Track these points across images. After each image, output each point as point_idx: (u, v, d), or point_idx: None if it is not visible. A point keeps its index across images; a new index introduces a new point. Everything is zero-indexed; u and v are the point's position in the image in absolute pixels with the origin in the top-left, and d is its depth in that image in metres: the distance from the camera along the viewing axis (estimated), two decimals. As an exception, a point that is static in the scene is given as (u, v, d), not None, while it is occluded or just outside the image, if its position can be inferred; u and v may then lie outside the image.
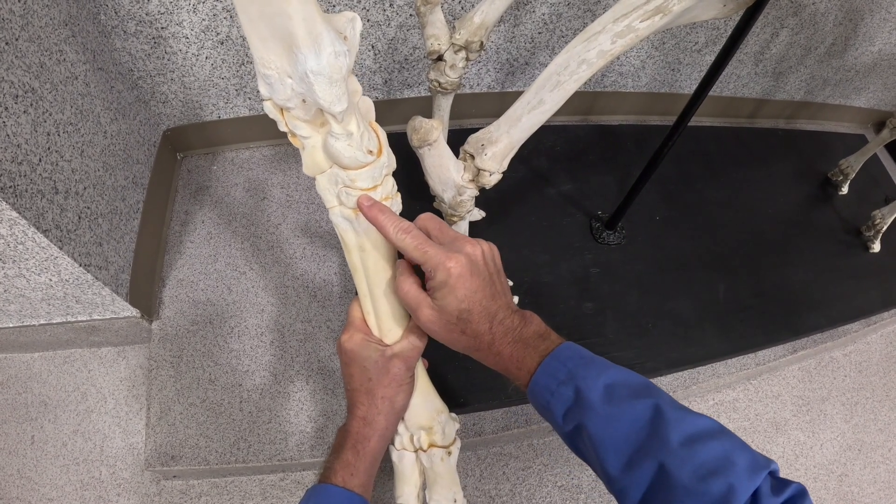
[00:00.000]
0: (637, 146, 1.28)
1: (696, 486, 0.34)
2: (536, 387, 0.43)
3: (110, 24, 0.86)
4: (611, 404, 0.39)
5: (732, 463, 0.34)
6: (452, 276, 0.40)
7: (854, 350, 1.33)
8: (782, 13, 1.19)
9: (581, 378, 0.41)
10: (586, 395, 0.40)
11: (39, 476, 0.91)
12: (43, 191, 0.68)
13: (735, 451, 0.35)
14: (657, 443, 0.36)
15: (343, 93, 0.33)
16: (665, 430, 0.37)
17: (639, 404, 0.39)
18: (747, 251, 1.22)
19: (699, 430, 0.37)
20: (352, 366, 0.49)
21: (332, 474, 0.47)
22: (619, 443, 0.38)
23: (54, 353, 1.00)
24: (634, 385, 0.41)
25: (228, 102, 1.07)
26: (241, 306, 1.00)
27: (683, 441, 0.36)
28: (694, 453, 0.35)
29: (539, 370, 0.42)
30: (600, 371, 0.41)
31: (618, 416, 0.39)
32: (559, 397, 0.41)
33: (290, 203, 1.12)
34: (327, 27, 0.31)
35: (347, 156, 0.37)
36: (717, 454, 0.35)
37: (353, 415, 0.49)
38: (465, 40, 0.71)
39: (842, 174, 1.39)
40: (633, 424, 0.38)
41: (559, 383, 0.41)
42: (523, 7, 1.05)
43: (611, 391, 0.40)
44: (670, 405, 0.38)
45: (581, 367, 0.42)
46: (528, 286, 1.03)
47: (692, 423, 0.37)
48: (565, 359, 0.42)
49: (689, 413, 0.38)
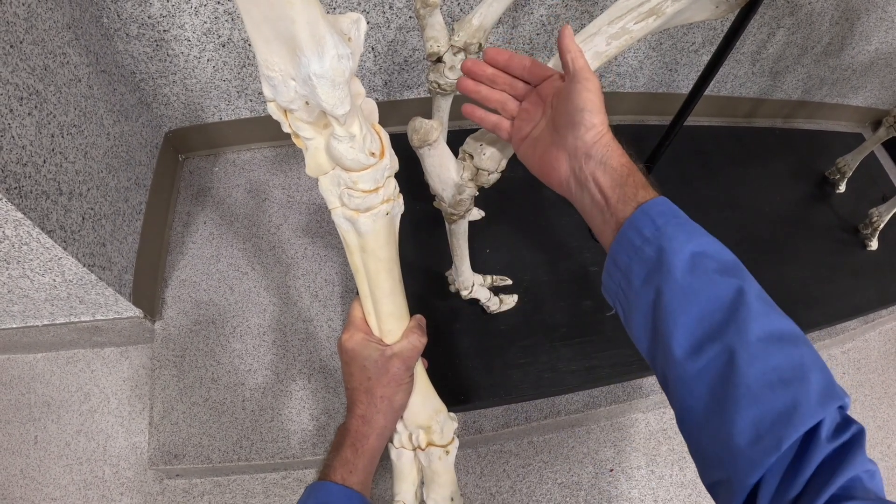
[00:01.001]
0: (635, 146, 1.29)
1: (760, 391, 0.31)
2: (621, 241, 0.39)
3: (113, 27, 0.87)
4: (693, 274, 0.35)
5: (807, 380, 0.31)
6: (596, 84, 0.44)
7: (852, 347, 1.34)
8: (779, 13, 1.20)
9: (668, 238, 0.36)
10: (670, 256, 0.35)
11: (43, 476, 0.92)
12: (47, 192, 0.69)
13: (813, 367, 0.32)
14: (733, 328, 0.32)
15: (346, 96, 0.33)
16: (745, 318, 0.32)
17: (724, 282, 0.34)
18: (745, 249, 1.21)
19: (782, 330, 0.33)
20: (352, 365, 0.50)
21: (331, 472, 0.47)
22: (693, 318, 0.34)
23: (57, 354, 1.01)
24: (724, 260, 0.36)
25: (230, 104, 1.08)
26: (243, 306, 1.01)
27: (762, 336, 0.32)
28: (769, 354, 0.31)
29: (626, 223, 0.38)
30: (691, 235, 0.37)
31: (699, 290, 0.34)
32: (642, 257, 0.37)
33: (291, 204, 1.13)
34: (331, 30, 0.31)
35: (349, 158, 0.38)
36: (793, 363, 0.31)
37: (353, 413, 0.49)
38: (464, 42, 0.71)
39: (839, 173, 1.40)
40: (713, 302, 0.34)
41: (644, 240, 0.37)
42: (521, 9, 1.05)
43: (697, 260, 0.35)
44: (757, 294, 0.34)
45: (671, 225, 0.37)
46: (527, 285, 1.03)
47: (776, 320, 0.33)
48: (657, 214, 0.38)
49: (774, 309, 0.34)
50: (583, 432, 1.08)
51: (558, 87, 0.46)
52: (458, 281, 0.85)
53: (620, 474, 1.06)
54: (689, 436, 0.35)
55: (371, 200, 0.41)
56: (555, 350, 0.98)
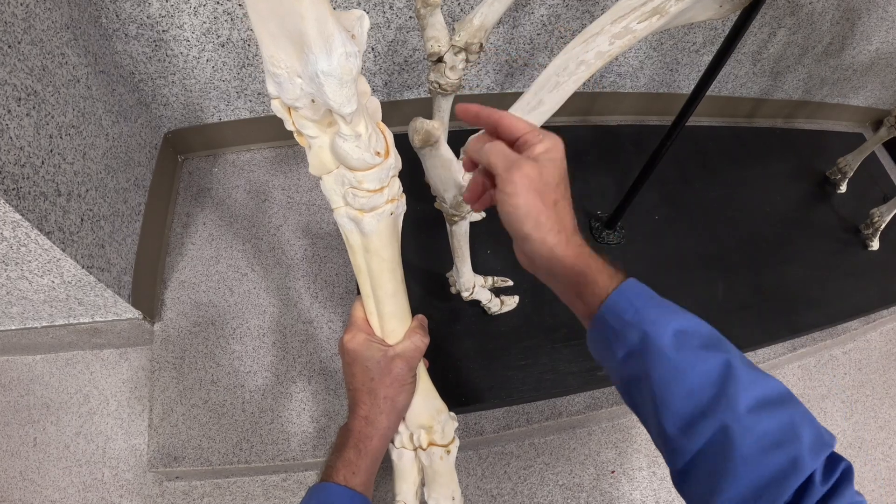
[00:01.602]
0: (636, 146, 1.29)
1: (757, 458, 0.32)
2: (600, 323, 0.39)
3: (112, 27, 0.86)
4: (679, 353, 0.36)
5: (798, 437, 0.32)
6: (557, 148, 0.39)
7: (853, 348, 1.33)
8: (780, 13, 1.19)
9: (650, 321, 0.37)
10: (655, 340, 0.36)
11: (42, 478, 0.91)
12: (46, 193, 0.69)
13: (802, 423, 0.33)
14: (724, 403, 0.34)
15: (353, 94, 0.33)
16: (734, 392, 0.34)
17: (710, 357, 0.35)
18: (746, 250, 1.22)
19: (768, 395, 0.34)
20: (354, 365, 0.49)
21: (333, 473, 0.47)
22: (684, 397, 0.35)
23: (56, 356, 1.00)
24: (704, 334, 0.38)
25: (229, 105, 1.08)
26: (243, 308, 1.00)
27: (752, 406, 0.33)
28: (760, 421, 0.33)
29: (604, 306, 0.39)
30: (671, 314, 0.38)
31: (686, 368, 0.35)
32: (623, 339, 0.38)
33: (291, 205, 1.12)
34: (339, 27, 0.31)
35: (355, 157, 0.37)
36: (783, 425, 0.33)
37: (355, 414, 0.49)
38: (465, 42, 0.71)
39: (840, 173, 1.40)
40: (701, 379, 0.35)
41: (624, 324, 0.38)
42: (522, 9, 1.05)
43: (681, 338, 0.37)
44: (741, 363, 0.35)
45: (651, 307, 0.38)
46: (527, 286, 1.03)
47: (762, 385, 0.34)
48: (633, 296, 0.39)
49: (759, 374, 0.35)
50: (584, 434, 1.07)
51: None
52: (459, 282, 0.84)
53: (622, 476, 1.05)
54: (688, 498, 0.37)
55: (376, 200, 0.41)
56: (556, 351, 0.98)
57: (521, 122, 0.40)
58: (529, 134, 0.39)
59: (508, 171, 0.38)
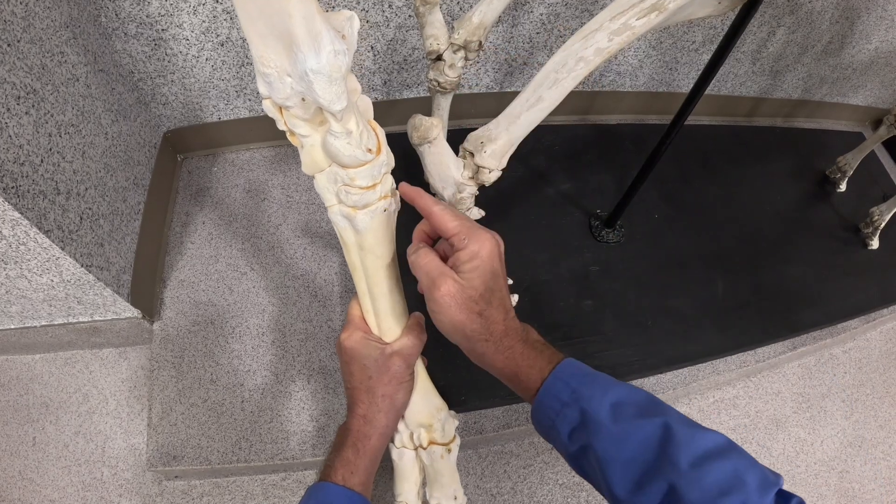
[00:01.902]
0: (635, 145, 1.29)
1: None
2: (541, 407, 0.42)
3: (111, 25, 0.86)
4: (618, 424, 0.38)
5: (743, 482, 0.34)
6: (485, 249, 0.40)
7: (854, 347, 1.33)
8: (779, 11, 1.19)
9: (586, 399, 0.40)
10: (593, 415, 0.39)
11: (41, 477, 0.91)
12: (45, 192, 0.69)
13: (746, 469, 0.35)
14: (667, 464, 0.36)
15: (342, 91, 0.33)
16: (674, 451, 0.36)
17: (647, 424, 0.38)
18: (746, 249, 1.22)
19: (709, 448, 0.36)
20: (352, 364, 0.49)
21: (332, 472, 0.47)
22: (628, 464, 0.37)
23: (55, 355, 1.00)
24: (641, 402, 0.40)
25: (229, 104, 1.08)
26: (242, 307, 1.00)
27: (694, 461, 0.35)
28: (704, 474, 0.35)
29: (541, 391, 0.42)
30: (605, 389, 0.41)
31: (626, 437, 0.38)
32: (564, 418, 0.41)
33: (290, 204, 1.12)
34: (327, 26, 0.31)
35: (347, 154, 0.37)
36: (727, 474, 0.35)
37: (354, 413, 0.49)
38: (464, 40, 0.71)
39: (840, 171, 1.40)
40: (641, 445, 0.37)
41: (563, 404, 0.41)
42: (521, 7, 1.05)
43: (618, 410, 0.39)
44: (679, 422, 0.38)
45: (585, 385, 0.41)
46: (527, 284, 1.03)
47: (701, 441, 0.37)
48: (568, 377, 0.42)
49: (698, 430, 0.38)
50: (584, 432, 1.07)
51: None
52: (459, 280, 0.84)
53: (622, 475, 1.05)
54: None
55: (368, 197, 0.41)
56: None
57: (449, 221, 0.41)
58: (455, 238, 0.40)
59: (430, 290, 0.40)
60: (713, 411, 1.16)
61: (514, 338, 0.43)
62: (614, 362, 1.00)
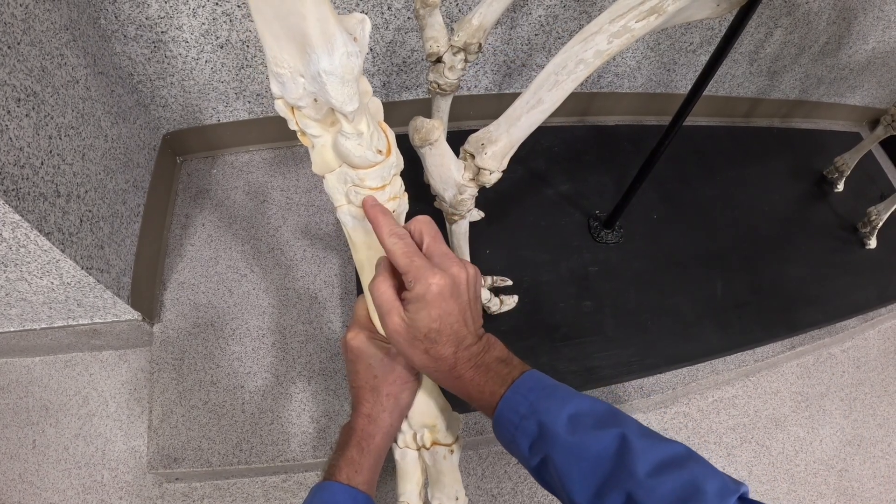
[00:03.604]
0: (634, 146, 1.29)
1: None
2: (500, 420, 0.42)
3: (110, 28, 0.86)
4: (575, 435, 0.39)
5: (702, 490, 0.34)
6: (431, 293, 0.39)
7: (852, 346, 1.34)
8: (776, 13, 1.20)
9: (543, 411, 0.40)
10: (550, 427, 0.39)
11: (41, 480, 0.91)
12: (45, 194, 0.69)
13: (704, 477, 0.35)
14: (624, 474, 0.36)
15: (354, 93, 0.33)
16: (631, 461, 0.36)
17: (604, 434, 0.38)
18: (744, 249, 1.23)
19: (666, 458, 0.36)
20: (357, 363, 0.49)
21: (336, 471, 0.47)
22: (586, 474, 0.38)
23: (55, 357, 1.00)
24: (599, 413, 0.40)
25: (228, 106, 1.08)
26: (243, 308, 1.00)
27: (650, 471, 0.36)
28: (661, 483, 0.35)
29: (501, 404, 0.42)
30: (563, 401, 0.41)
31: (583, 448, 0.38)
32: (523, 431, 0.41)
33: (290, 206, 1.13)
34: (340, 28, 0.31)
35: (357, 155, 0.38)
36: (684, 482, 0.35)
37: (358, 412, 0.49)
38: (464, 42, 0.71)
39: (837, 172, 1.40)
40: (598, 455, 0.38)
41: (521, 417, 0.41)
42: (520, 9, 1.05)
43: (575, 421, 0.39)
44: (637, 433, 0.38)
45: (543, 398, 0.41)
46: (527, 285, 1.03)
47: (659, 451, 0.37)
48: (527, 391, 0.42)
49: (656, 440, 0.38)
50: (584, 433, 1.07)
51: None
52: (459, 281, 0.84)
53: (622, 475, 1.05)
54: None
55: (378, 198, 0.41)
56: (556, 351, 0.98)
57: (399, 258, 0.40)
58: (404, 277, 0.40)
59: (382, 320, 0.42)
60: (712, 411, 1.17)
61: (465, 367, 0.42)
62: (614, 362, 1.00)
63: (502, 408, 0.42)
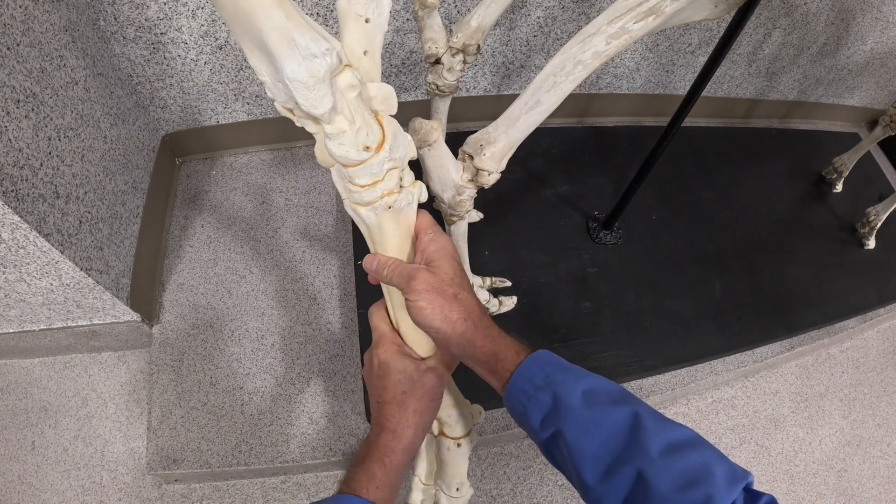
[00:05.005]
0: (632, 147, 1.29)
1: (674, 496, 0.34)
2: (513, 390, 0.42)
3: (110, 29, 0.86)
4: (590, 410, 0.39)
5: (711, 474, 0.35)
6: (449, 246, 0.43)
7: (851, 346, 1.34)
8: (774, 14, 1.20)
9: (560, 383, 0.41)
10: (565, 400, 0.40)
11: (40, 481, 0.91)
12: (44, 195, 0.69)
13: (714, 461, 0.36)
14: (637, 450, 0.36)
15: (323, 94, 0.33)
16: (644, 438, 0.37)
17: (618, 411, 0.38)
18: (743, 249, 1.23)
19: (679, 439, 0.37)
20: (386, 378, 0.48)
21: (357, 486, 0.45)
22: (598, 450, 0.38)
23: (54, 359, 1.00)
24: (613, 392, 0.41)
25: (227, 107, 1.08)
26: (242, 310, 1.00)
27: (663, 450, 0.36)
28: (673, 462, 0.35)
29: (516, 374, 0.42)
30: (579, 377, 0.41)
31: (597, 423, 0.38)
32: (536, 402, 0.41)
33: (289, 207, 1.13)
34: (301, 31, 0.31)
35: (338, 154, 0.37)
36: (696, 464, 0.35)
37: (383, 427, 0.47)
38: (463, 43, 0.72)
39: (836, 172, 1.41)
40: (612, 431, 0.38)
41: (537, 388, 0.41)
42: (518, 11, 1.06)
43: (590, 397, 0.40)
44: (649, 414, 0.38)
45: (559, 371, 0.41)
46: (526, 286, 1.03)
47: (671, 432, 0.37)
48: (543, 363, 0.42)
49: (667, 422, 0.38)
50: (583, 434, 1.07)
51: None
52: (458, 282, 0.84)
53: (621, 475, 1.05)
54: None
55: (368, 195, 0.41)
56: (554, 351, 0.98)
57: (422, 218, 0.45)
58: (427, 229, 0.45)
59: (408, 284, 0.43)
60: (711, 411, 1.17)
61: (489, 318, 0.44)
62: (613, 363, 1.00)
63: (517, 378, 0.42)
